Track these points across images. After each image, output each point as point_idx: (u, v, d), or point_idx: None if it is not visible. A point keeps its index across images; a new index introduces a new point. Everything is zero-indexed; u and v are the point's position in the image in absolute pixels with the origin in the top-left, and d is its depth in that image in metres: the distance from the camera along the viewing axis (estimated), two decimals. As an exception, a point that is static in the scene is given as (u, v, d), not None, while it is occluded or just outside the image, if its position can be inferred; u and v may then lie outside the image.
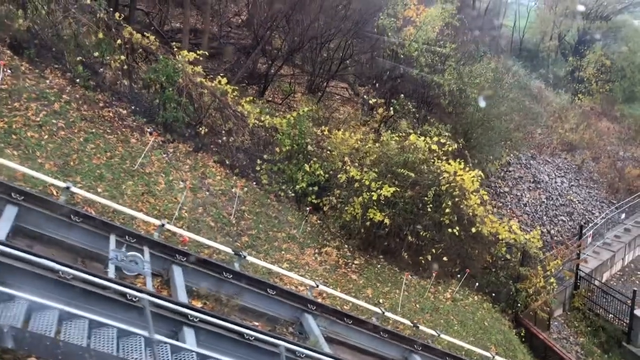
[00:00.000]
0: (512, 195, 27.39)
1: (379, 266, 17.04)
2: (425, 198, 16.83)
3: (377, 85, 24.16)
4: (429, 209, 16.83)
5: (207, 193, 15.37)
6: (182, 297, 9.23)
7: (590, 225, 26.66)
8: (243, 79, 24.62)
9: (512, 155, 29.87)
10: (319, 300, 12.94)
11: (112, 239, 9.55)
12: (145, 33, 16.21)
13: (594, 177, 32.37)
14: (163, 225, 10.72)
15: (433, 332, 14.01)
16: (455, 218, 16.81)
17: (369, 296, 15.17)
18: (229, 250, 11.71)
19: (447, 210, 16.69)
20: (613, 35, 55.35)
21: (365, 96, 22.56)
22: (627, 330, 21.24)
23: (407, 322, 13.75)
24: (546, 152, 32.40)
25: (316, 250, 16.63)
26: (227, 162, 17.32)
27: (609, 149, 36.84)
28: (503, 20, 64.82)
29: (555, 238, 25.37)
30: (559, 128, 35.81)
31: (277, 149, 17.62)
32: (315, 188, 17.76)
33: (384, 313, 12.83)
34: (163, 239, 11.38)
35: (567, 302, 23.20)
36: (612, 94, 51.69)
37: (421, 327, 13.89)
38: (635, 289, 21.45)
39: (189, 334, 8.20)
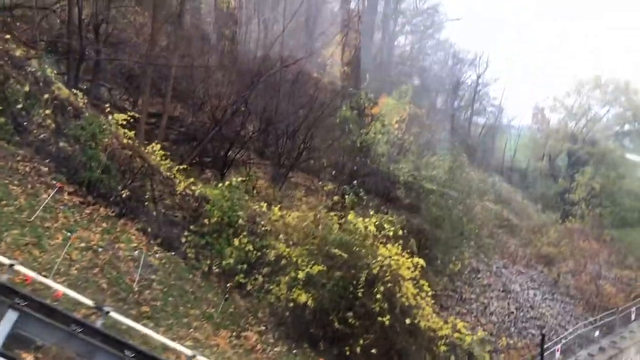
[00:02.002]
0: (478, 303, 25.71)
1: (301, 355, 15.34)
2: (355, 282, 15.48)
3: (336, 175, 23.61)
4: (360, 294, 15.43)
5: (112, 256, 14.16)
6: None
7: (559, 338, 24.65)
8: (205, 162, 24.27)
9: (481, 261, 28.53)
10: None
11: None
12: (75, 91, 15.85)
13: (571, 292, 30.63)
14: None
15: None
16: (386, 306, 15.32)
17: (279, 384, 13.45)
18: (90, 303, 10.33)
19: (379, 296, 15.27)
20: (601, 160, 55.74)
21: (320, 183, 21.84)
22: None
23: None
24: (520, 263, 31.00)
25: (234, 333, 15.10)
26: (150, 231, 16.24)
27: (591, 268, 35.25)
28: (496, 142, 65.83)
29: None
30: (537, 241, 34.61)
31: (206, 221, 16.59)
32: (245, 266, 16.52)
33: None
34: (32, 293, 10.14)
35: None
36: (602, 218, 50.96)
37: None
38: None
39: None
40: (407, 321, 15.62)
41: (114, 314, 10.35)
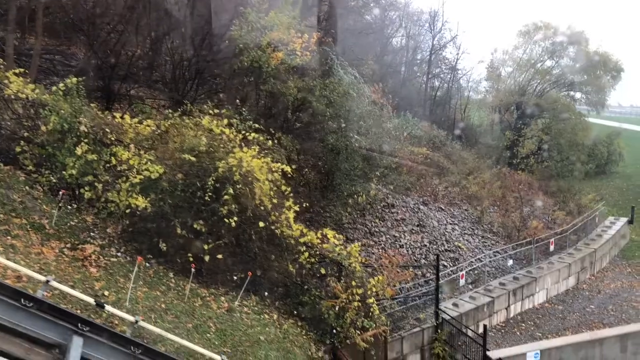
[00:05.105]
0: (388, 236, 24.58)
1: (139, 264, 13.95)
2: (203, 186, 14.14)
3: (226, 100, 22.15)
4: (208, 198, 14.09)
5: None
6: None
7: (462, 265, 23.76)
8: (96, 98, 22.65)
9: (397, 198, 27.42)
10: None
11: None
12: None
13: (494, 229, 29.71)
14: None
15: (161, 332, 10.90)
16: (235, 208, 14.02)
17: (94, 288, 12.05)
18: None
19: (226, 197, 13.95)
20: (549, 113, 55.13)
21: (206, 105, 20.26)
22: (481, 377, 17.76)
23: (122, 314, 10.63)
24: (443, 201, 29.96)
25: (68, 245, 13.61)
26: (-22, 140, 14.66)
27: (525, 210, 34.36)
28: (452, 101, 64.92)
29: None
30: (466, 183, 33.62)
31: (44, 128, 15.00)
32: (90, 178, 15.02)
33: (48, 282, 9.68)
34: None
35: (426, 349, 19.75)
36: (550, 171, 50.63)
37: (143, 324, 10.77)
38: (485, 324, 18.21)
39: None
40: (261, 224, 14.30)
41: None
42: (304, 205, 17.50)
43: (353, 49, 42.21)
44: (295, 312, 15.72)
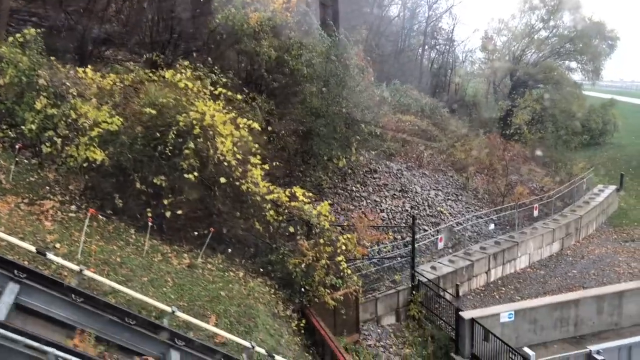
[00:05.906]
0: (369, 200, 24.27)
1: (96, 219, 13.61)
2: (164, 140, 13.73)
3: (199, 59, 21.60)
4: (169, 152, 13.69)
5: None
6: None
7: (441, 228, 23.49)
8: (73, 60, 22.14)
9: (380, 163, 27.02)
10: None
11: None
12: None
13: (479, 195, 29.39)
14: None
15: (111, 283, 10.63)
16: (197, 163, 13.64)
17: (46, 240, 11.71)
18: None
19: (187, 151, 13.56)
20: (543, 82, 54.37)
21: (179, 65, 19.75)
22: (454, 337, 17.56)
23: (66, 263, 10.32)
24: (428, 167, 29.56)
25: (26, 200, 13.26)
26: None
27: (515, 179, 33.96)
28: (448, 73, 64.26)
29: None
30: (454, 150, 33.18)
31: (0, 81, 14.55)
32: (51, 133, 14.59)
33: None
34: None
35: (401, 311, 19.56)
36: (543, 141, 49.90)
37: (92, 275, 10.50)
38: (458, 284, 17.98)
39: None
40: (222, 180, 13.92)
41: None
42: (275, 164, 17.05)
43: (344, 15, 41.49)
44: (262, 270, 15.44)
